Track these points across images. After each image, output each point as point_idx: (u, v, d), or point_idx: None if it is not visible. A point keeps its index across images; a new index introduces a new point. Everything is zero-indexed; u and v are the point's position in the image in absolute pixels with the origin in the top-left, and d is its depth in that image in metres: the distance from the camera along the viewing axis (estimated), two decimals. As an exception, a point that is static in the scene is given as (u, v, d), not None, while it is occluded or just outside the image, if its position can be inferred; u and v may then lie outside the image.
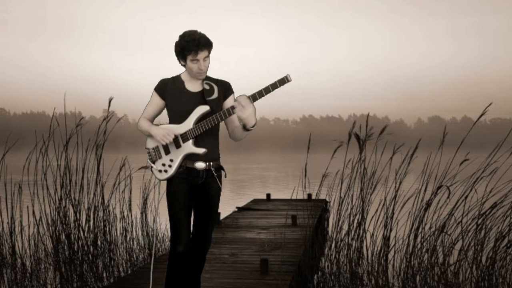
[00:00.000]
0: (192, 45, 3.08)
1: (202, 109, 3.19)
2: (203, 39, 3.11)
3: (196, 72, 3.19)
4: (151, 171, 3.33)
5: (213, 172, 3.27)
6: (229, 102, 3.30)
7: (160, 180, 3.31)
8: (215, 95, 3.26)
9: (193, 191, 3.27)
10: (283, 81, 3.00)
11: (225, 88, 3.31)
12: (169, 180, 3.25)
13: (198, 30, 3.16)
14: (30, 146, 5.96)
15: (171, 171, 3.22)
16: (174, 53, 3.20)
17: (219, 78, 3.34)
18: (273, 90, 3.02)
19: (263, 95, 3.05)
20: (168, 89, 3.26)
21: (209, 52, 3.18)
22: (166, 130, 3.20)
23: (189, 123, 3.19)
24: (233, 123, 3.28)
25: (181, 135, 3.20)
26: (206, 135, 3.21)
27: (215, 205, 3.35)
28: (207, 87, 3.26)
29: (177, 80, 3.29)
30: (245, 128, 3.15)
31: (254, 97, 3.05)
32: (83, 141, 6.06)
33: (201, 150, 3.19)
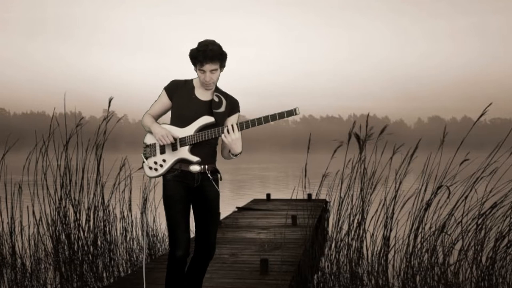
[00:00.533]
0: (200, 56, 3.07)
1: (207, 119, 3.19)
2: (211, 52, 3.07)
3: (202, 83, 3.19)
4: (142, 165, 3.33)
5: (209, 175, 3.25)
6: (232, 120, 3.30)
7: (149, 177, 3.31)
8: (222, 109, 3.25)
9: (190, 195, 3.25)
10: (291, 113, 3.00)
11: (233, 105, 3.31)
12: (165, 184, 3.24)
13: (216, 41, 3.13)
14: (30, 146, 5.95)
15: (161, 171, 3.22)
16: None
17: (229, 93, 3.33)
18: (279, 119, 3.02)
19: (257, 124, 3.04)
20: (178, 92, 3.25)
21: (221, 66, 3.16)
22: (166, 131, 3.19)
23: (190, 130, 3.19)
24: (224, 142, 3.24)
25: (180, 139, 3.20)
26: (203, 144, 3.21)
27: (215, 209, 3.31)
28: (216, 99, 3.25)
29: (188, 84, 3.28)
30: (230, 152, 3.20)
31: (241, 126, 3.08)
32: (83, 141, 6.06)
33: (195, 158, 3.18)
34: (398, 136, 6.30)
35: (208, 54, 3.06)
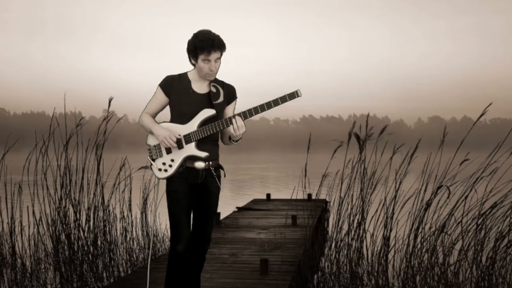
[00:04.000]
0: (206, 44, 3.06)
1: (208, 112, 3.18)
2: (217, 40, 3.09)
3: (206, 73, 3.17)
4: (151, 168, 3.31)
5: (213, 171, 3.27)
6: (231, 108, 3.31)
7: (158, 179, 3.30)
8: (221, 98, 3.25)
9: (193, 191, 3.27)
10: (293, 95, 3.02)
11: (230, 93, 3.30)
12: (169, 180, 3.24)
13: (212, 31, 3.14)
14: (30, 146, 5.95)
15: (171, 171, 3.21)
16: (186, 51, 3.17)
17: (225, 81, 3.33)
18: (282, 103, 3.05)
19: (260, 112, 3.08)
20: (174, 87, 3.22)
21: (221, 54, 3.16)
22: (169, 131, 3.17)
23: (193, 125, 3.18)
24: (225, 129, 3.27)
25: (184, 136, 3.19)
26: (207, 138, 3.21)
27: (214, 205, 3.34)
28: (213, 89, 3.24)
29: (183, 78, 3.26)
30: (230, 139, 3.24)
31: (245, 115, 3.11)
32: (83, 141, 6.06)
33: (203, 154, 3.18)
34: (398, 136, 6.30)
35: (215, 42, 3.07)
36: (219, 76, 3.31)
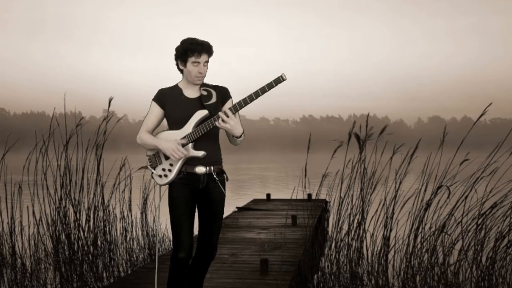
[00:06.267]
0: (196, 46, 3.14)
1: (201, 113, 3.20)
2: (206, 44, 3.18)
3: (195, 76, 3.20)
4: (152, 176, 3.33)
5: (214, 176, 3.26)
6: (227, 107, 3.31)
7: (160, 185, 3.31)
8: (213, 100, 3.26)
9: (195, 196, 3.26)
10: (279, 80, 3.02)
11: (223, 93, 3.32)
12: (170, 186, 3.24)
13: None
14: (30, 146, 5.95)
15: (171, 176, 3.22)
16: (174, 58, 3.23)
17: (217, 84, 3.35)
18: (269, 90, 3.04)
19: (249, 102, 3.06)
20: (167, 98, 3.28)
21: (209, 58, 3.22)
22: (174, 143, 3.16)
23: (188, 128, 3.20)
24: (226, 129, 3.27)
25: (181, 139, 3.20)
26: (205, 138, 3.21)
27: (219, 211, 3.30)
28: (204, 92, 3.28)
29: (175, 88, 3.32)
30: (233, 136, 3.21)
31: (235, 108, 3.09)
32: (83, 141, 6.06)
33: (200, 153, 3.18)
34: (398, 136, 6.30)
35: (205, 45, 3.17)
36: (218, 77, 3.33)
